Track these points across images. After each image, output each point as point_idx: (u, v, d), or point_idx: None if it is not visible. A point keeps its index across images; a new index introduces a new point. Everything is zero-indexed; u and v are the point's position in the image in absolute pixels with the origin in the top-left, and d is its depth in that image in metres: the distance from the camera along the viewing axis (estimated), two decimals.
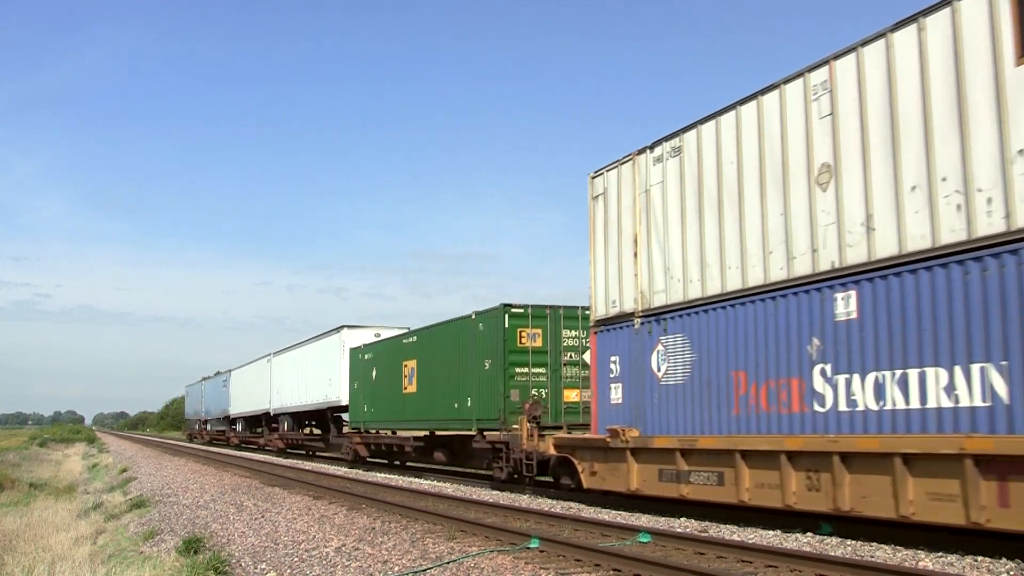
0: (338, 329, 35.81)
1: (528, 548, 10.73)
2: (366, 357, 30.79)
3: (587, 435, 17.08)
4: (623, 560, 9.53)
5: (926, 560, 9.84)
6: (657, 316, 15.10)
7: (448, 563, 10.08)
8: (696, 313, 14.23)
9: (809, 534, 11.91)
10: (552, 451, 17.81)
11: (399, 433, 27.82)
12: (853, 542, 11.12)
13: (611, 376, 16.23)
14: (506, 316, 20.81)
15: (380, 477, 25.58)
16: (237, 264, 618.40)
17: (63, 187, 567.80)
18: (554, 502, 17.43)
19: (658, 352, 15.03)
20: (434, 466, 27.92)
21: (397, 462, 31.10)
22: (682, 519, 14.07)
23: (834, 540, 11.38)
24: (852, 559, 9.42)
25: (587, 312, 18.03)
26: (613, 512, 15.28)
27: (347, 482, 22.66)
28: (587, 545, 10.50)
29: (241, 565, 11.09)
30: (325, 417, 38.66)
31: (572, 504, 16.91)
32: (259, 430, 51.19)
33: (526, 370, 20.74)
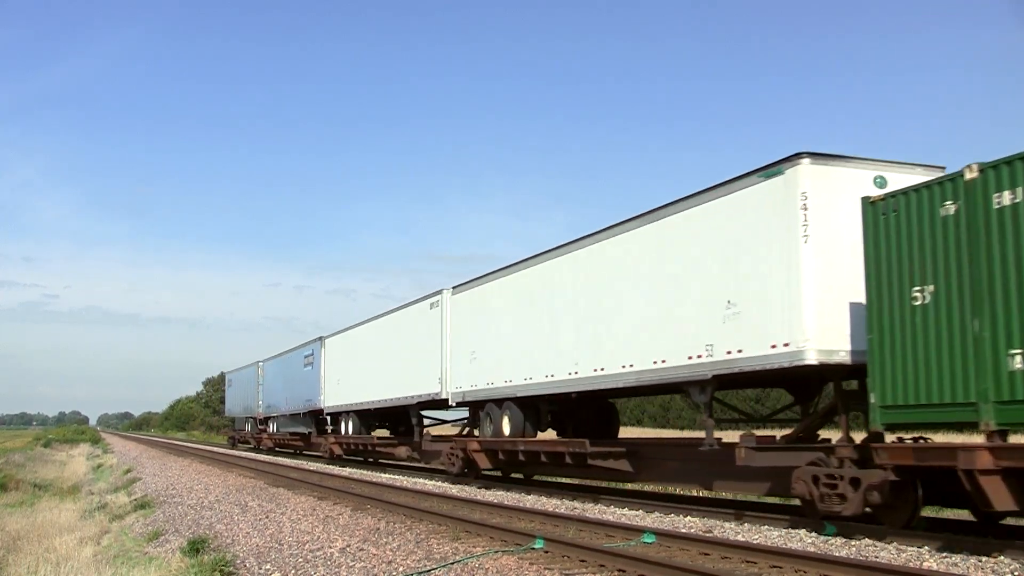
0: (779, 167, 12.47)
1: (533, 548, 10.74)
2: None
3: None
4: (628, 560, 9.54)
5: (930, 561, 9.83)
6: None
7: (453, 563, 10.09)
8: None
9: (814, 534, 11.90)
10: None
11: None
12: (857, 542, 11.12)
13: None
14: None
15: (385, 478, 25.59)
16: (246, 266, 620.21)
17: (68, 187, 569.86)
18: (559, 502, 17.43)
19: None
20: None
21: None
22: (687, 519, 14.08)
23: (839, 540, 11.37)
24: (856, 559, 9.41)
25: None
26: (618, 512, 15.29)
27: (352, 483, 22.68)
28: (592, 546, 10.50)
29: (246, 566, 11.10)
30: (607, 409, 21.31)
31: (576, 504, 16.91)
32: (378, 430, 32.53)
33: None
